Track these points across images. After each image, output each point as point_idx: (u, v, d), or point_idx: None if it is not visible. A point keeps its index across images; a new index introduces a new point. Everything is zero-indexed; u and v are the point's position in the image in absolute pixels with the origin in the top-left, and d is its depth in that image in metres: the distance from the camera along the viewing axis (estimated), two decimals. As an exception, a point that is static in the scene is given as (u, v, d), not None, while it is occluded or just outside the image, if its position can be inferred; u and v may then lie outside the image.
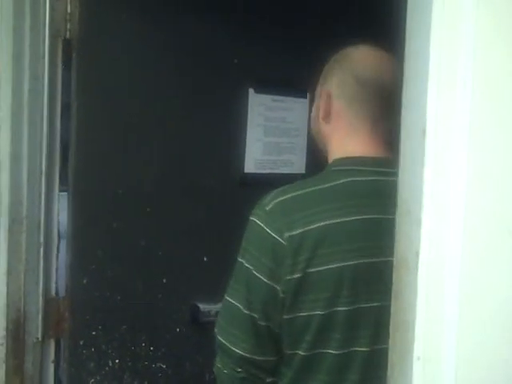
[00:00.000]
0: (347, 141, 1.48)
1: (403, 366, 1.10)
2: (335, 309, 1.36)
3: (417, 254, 1.07)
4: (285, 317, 1.39)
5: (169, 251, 2.26)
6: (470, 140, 1.01)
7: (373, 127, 1.48)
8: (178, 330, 2.30)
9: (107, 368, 2.19)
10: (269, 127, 2.40)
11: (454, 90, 1.01)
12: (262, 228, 1.39)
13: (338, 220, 1.38)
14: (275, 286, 1.37)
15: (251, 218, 1.44)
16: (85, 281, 2.14)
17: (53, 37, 2.04)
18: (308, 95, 2.45)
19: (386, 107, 1.44)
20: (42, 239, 2.07)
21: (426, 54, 1.02)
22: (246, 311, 1.40)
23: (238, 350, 1.41)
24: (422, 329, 1.08)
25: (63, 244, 2.16)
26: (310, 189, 1.43)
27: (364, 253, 1.39)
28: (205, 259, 2.32)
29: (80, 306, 2.14)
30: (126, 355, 2.22)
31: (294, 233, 1.36)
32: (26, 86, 2.02)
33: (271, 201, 1.41)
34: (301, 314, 1.37)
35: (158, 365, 2.28)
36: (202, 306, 2.32)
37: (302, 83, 2.32)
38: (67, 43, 2.08)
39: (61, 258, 2.17)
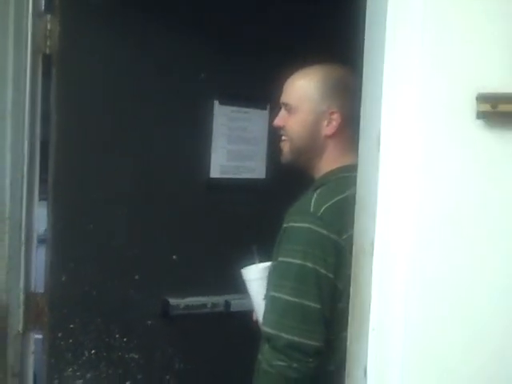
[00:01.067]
0: (345, 152, 1.73)
1: (361, 336, 1.32)
2: None
3: (372, 244, 1.30)
4: (339, 305, 1.59)
5: (141, 250, 2.42)
6: (421, 146, 1.22)
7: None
8: (149, 322, 2.46)
9: (84, 358, 2.34)
10: (232, 136, 2.60)
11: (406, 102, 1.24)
12: (320, 232, 1.60)
13: None
14: (336, 281, 1.60)
15: (304, 225, 1.62)
16: (63, 278, 2.29)
17: (34, 52, 2.18)
18: (268, 107, 2.66)
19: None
20: (23, 239, 2.22)
21: (380, 79, 1.25)
22: (317, 306, 1.59)
23: (313, 343, 1.59)
24: (376, 305, 1.29)
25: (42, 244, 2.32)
26: (343, 195, 1.65)
27: None
28: (174, 257, 2.50)
29: (58, 301, 2.29)
30: (101, 346, 2.37)
31: (348, 234, 1.55)
32: (9, 98, 2.16)
33: (318, 208, 1.63)
34: None
35: (131, 355, 2.44)
36: (172, 301, 2.50)
37: (263, 96, 2.54)
38: (47, 58, 2.22)
39: (39, 256, 2.32)
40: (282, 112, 1.81)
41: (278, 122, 1.82)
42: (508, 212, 1.13)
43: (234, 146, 2.61)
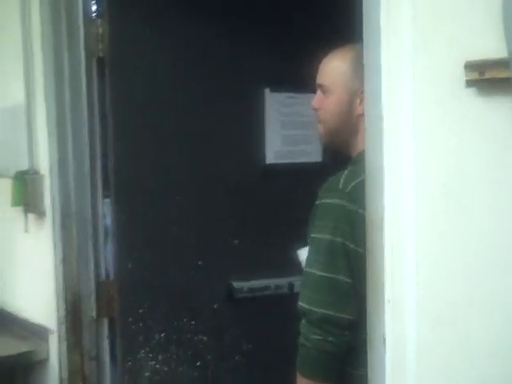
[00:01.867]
0: None
1: (378, 306, 1.36)
2: None
3: (382, 218, 1.33)
4: None
5: (202, 237, 2.53)
6: (417, 119, 1.25)
7: None
8: (215, 306, 2.57)
9: (154, 341, 2.48)
10: (285, 121, 2.66)
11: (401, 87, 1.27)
12: (348, 208, 1.63)
13: None
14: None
15: (333, 201, 1.66)
16: (130, 266, 2.43)
17: (88, 56, 2.33)
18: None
19: None
20: (90, 231, 2.37)
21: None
22: (348, 280, 1.63)
23: (345, 316, 1.62)
24: (390, 277, 1.33)
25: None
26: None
27: None
28: (235, 242, 2.59)
29: (127, 287, 2.43)
30: (170, 329, 2.50)
31: None
32: (67, 100, 2.32)
33: (347, 184, 1.66)
34: None
35: (200, 337, 2.55)
36: (236, 284, 2.59)
37: (313, 79, 2.57)
38: (101, 61, 2.36)
39: (108, 247, 2.47)
40: (318, 94, 1.83)
41: (314, 104, 1.83)
42: (504, 175, 1.13)
43: (288, 131, 2.67)
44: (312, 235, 1.71)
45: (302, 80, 2.59)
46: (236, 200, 2.58)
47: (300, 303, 1.68)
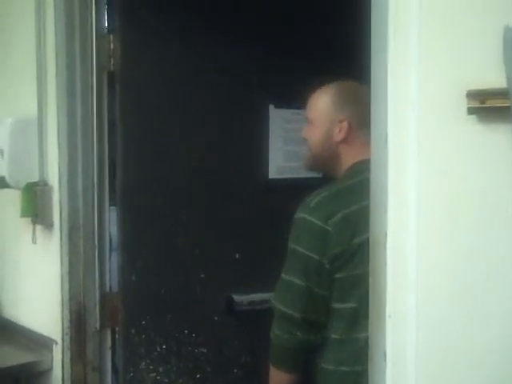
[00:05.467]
0: (358, 151, 1.96)
1: (379, 322, 1.40)
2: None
3: (385, 235, 1.38)
4: (336, 276, 1.86)
5: (205, 250, 2.58)
6: (422, 143, 1.31)
7: (368, 138, 1.90)
8: (215, 318, 2.61)
9: (156, 353, 2.52)
10: (288, 137, 2.72)
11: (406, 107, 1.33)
12: (311, 220, 1.88)
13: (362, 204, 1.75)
14: (323, 260, 1.86)
15: (300, 216, 1.92)
16: (133, 278, 2.47)
17: (99, 70, 2.39)
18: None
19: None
20: (96, 243, 2.42)
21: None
22: (302, 283, 1.88)
23: (296, 314, 1.88)
24: (392, 293, 1.38)
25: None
26: (340, 186, 1.97)
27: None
28: (237, 256, 2.64)
29: (130, 299, 2.47)
30: (171, 341, 2.54)
31: (335, 218, 1.86)
32: (78, 112, 2.37)
33: (312, 200, 1.92)
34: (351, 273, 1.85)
35: (200, 349, 2.59)
36: (236, 297, 2.64)
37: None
38: (111, 75, 2.42)
39: (113, 258, 2.51)
40: (306, 126, 2.10)
41: (303, 134, 2.12)
42: (501, 198, 1.19)
43: (290, 147, 2.73)
44: (291, 245, 1.96)
45: (305, 97, 2.68)
46: (238, 214, 2.63)
47: (272, 301, 1.99)
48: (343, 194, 1.94)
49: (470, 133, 1.21)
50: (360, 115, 1.95)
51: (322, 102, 2.03)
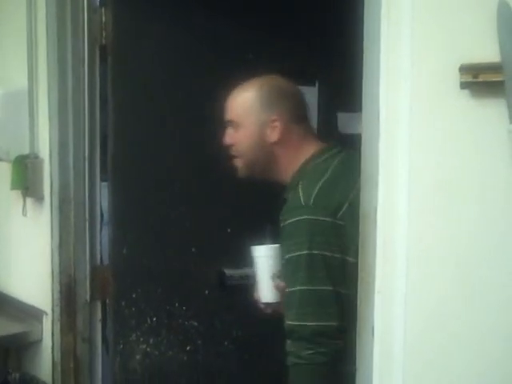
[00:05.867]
0: (301, 147, 1.85)
1: (368, 297, 1.41)
2: None
3: (375, 210, 1.38)
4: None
5: (197, 224, 2.57)
6: (411, 123, 1.31)
7: (308, 130, 1.91)
8: (206, 292, 2.62)
9: (146, 325, 2.53)
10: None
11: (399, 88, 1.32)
12: (317, 219, 1.69)
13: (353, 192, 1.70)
14: (345, 257, 1.69)
15: (300, 218, 1.70)
16: (124, 250, 2.47)
17: (91, 43, 2.36)
18: (317, 83, 2.75)
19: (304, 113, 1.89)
20: (87, 216, 2.41)
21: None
22: (330, 288, 1.68)
23: (332, 323, 1.67)
24: (381, 269, 1.39)
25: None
26: (325, 178, 1.78)
27: None
28: (228, 230, 2.64)
29: (121, 272, 2.48)
30: (162, 314, 2.55)
31: (342, 211, 1.70)
32: (69, 86, 2.35)
33: (308, 197, 1.72)
34: None
35: (191, 322, 2.61)
36: (228, 271, 2.64)
37: (311, 73, 2.63)
38: (103, 48, 2.39)
39: (104, 232, 2.51)
40: (229, 130, 1.90)
41: (226, 140, 1.92)
42: (493, 173, 1.19)
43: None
44: (286, 256, 1.75)
45: (302, 72, 2.67)
46: (231, 189, 2.62)
47: (289, 322, 1.71)
48: (336, 183, 1.77)
49: (462, 107, 1.21)
50: (292, 110, 1.83)
51: (247, 101, 1.84)
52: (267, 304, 1.92)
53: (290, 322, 1.71)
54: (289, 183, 1.85)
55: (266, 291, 1.91)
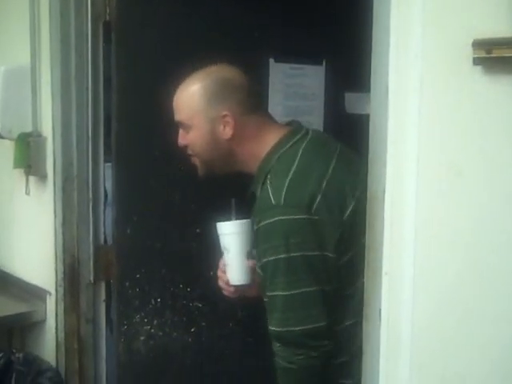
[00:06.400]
0: (261, 140, 1.75)
1: (375, 279, 1.38)
2: None
3: (383, 191, 1.35)
4: (340, 262, 1.64)
5: (202, 205, 2.54)
6: (421, 101, 1.26)
7: (265, 117, 1.80)
8: (211, 273, 2.58)
9: (150, 306, 2.50)
10: (288, 92, 2.67)
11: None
12: (291, 218, 1.61)
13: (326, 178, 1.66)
14: (325, 252, 1.63)
15: (272, 220, 1.63)
16: (128, 231, 2.44)
17: (94, 19, 2.32)
18: (324, 62, 2.71)
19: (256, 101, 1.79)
20: (90, 195, 2.39)
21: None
22: (313, 288, 1.62)
23: (320, 324, 1.62)
24: (388, 250, 1.35)
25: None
26: (292, 171, 1.68)
27: None
28: (233, 212, 2.60)
29: (125, 252, 2.45)
30: (166, 295, 2.53)
31: (316, 204, 1.62)
32: (72, 64, 2.32)
33: (279, 197, 1.64)
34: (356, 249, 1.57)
35: (195, 303, 2.58)
36: (232, 253, 2.61)
37: (318, 51, 2.58)
38: (107, 25, 2.35)
39: (107, 211, 2.49)
40: (180, 131, 1.82)
41: (180, 141, 1.84)
42: (505, 154, 1.15)
43: (290, 102, 2.68)
44: (264, 260, 1.68)
45: (306, 51, 2.62)
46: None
47: (273, 328, 1.67)
48: (306, 174, 1.67)
49: (474, 84, 1.16)
50: (244, 101, 1.73)
51: (193, 100, 1.75)
52: (238, 286, 1.84)
53: (275, 328, 1.66)
54: (256, 175, 1.78)
55: (240, 272, 1.82)
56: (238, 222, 1.82)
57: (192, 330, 2.59)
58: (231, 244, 1.84)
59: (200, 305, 2.59)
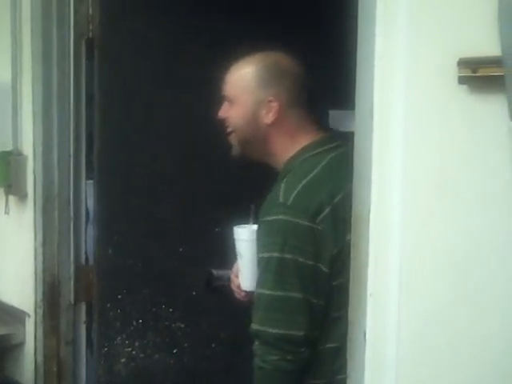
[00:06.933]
0: (296, 134, 1.74)
1: (360, 300, 1.36)
2: None
3: (368, 211, 1.33)
4: (334, 283, 1.61)
5: (184, 224, 2.52)
6: (407, 120, 1.25)
7: (308, 117, 1.77)
8: (193, 293, 2.56)
9: (132, 327, 2.47)
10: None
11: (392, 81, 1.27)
12: (293, 221, 1.60)
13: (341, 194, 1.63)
14: (319, 265, 1.60)
15: (276, 218, 1.62)
16: (110, 251, 2.41)
17: (77, 36, 2.31)
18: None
19: (306, 97, 1.76)
20: (72, 214, 2.36)
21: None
22: (300, 296, 1.59)
23: (300, 333, 1.59)
24: (374, 271, 1.33)
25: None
26: (309, 177, 1.66)
27: None
28: (216, 230, 2.58)
29: (106, 272, 2.42)
30: (148, 316, 2.49)
31: (324, 214, 1.61)
32: (54, 81, 2.30)
33: (287, 197, 1.62)
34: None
35: (178, 324, 2.55)
36: (215, 272, 2.58)
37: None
38: (90, 42, 2.33)
39: (89, 229, 2.45)
40: (225, 104, 1.81)
41: (220, 113, 1.82)
42: (492, 172, 1.14)
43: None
44: (260, 255, 1.68)
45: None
46: (219, 188, 2.57)
47: (253, 325, 1.65)
48: (321, 183, 1.66)
49: (460, 103, 1.15)
50: (290, 92, 1.72)
51: (243, 78, 1.75)
52: (249, 292, 1.82)
53: (255, 326, 1.65)
54: (280, 173, 1.77)
55: (251, 279, 1.79)
56: (254, 229, 1.79)
57: (174, 351, 2.56)
58: (246, 250, 1.82)
59: (182, 325, 2.56)
